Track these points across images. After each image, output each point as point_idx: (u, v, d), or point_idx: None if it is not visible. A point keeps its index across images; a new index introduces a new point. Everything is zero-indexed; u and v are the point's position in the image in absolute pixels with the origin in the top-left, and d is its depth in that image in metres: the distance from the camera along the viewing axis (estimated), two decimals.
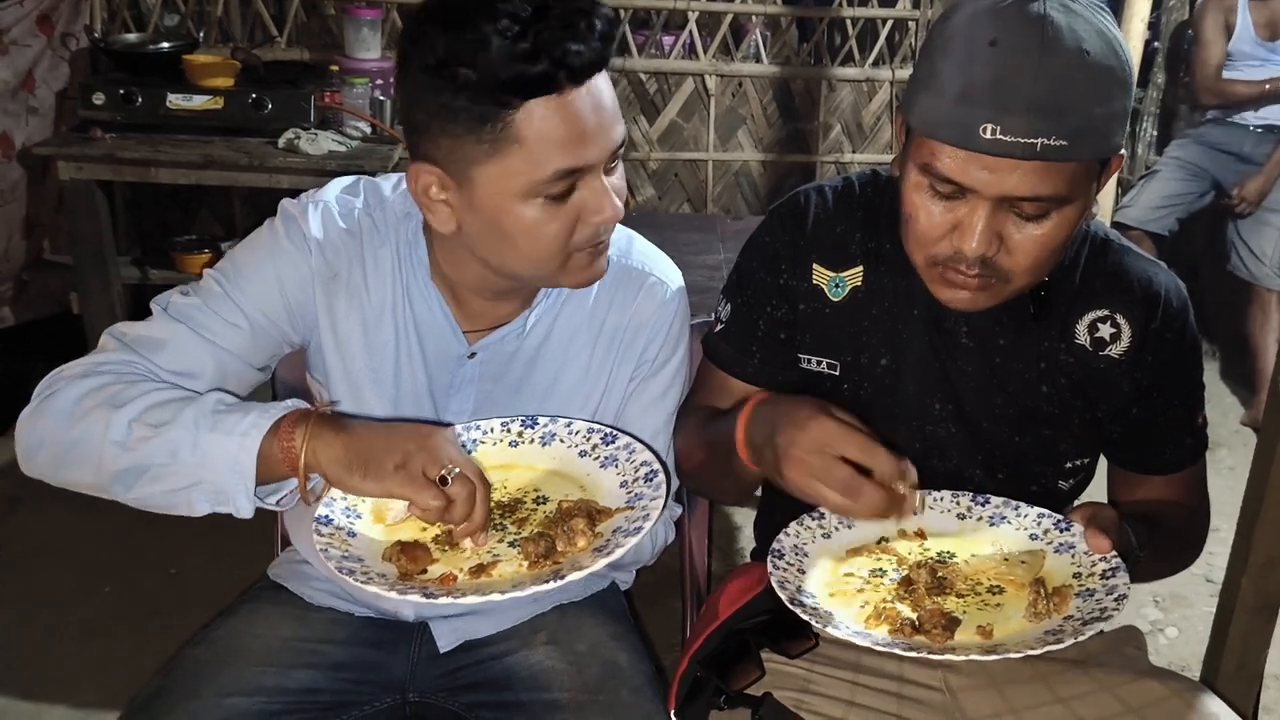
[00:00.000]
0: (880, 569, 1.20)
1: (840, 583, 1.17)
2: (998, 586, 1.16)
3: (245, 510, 1.13)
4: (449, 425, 1.22)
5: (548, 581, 1.01)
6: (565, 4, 1.08)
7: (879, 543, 1.23)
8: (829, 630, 1.07)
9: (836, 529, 1.24)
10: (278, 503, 1.15)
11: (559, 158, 1.11)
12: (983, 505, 1.26)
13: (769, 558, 1.18)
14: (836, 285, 1.31)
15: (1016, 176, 1.06)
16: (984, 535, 1.23)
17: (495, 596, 1.00)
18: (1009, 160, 1.05)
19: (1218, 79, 3.81)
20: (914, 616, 1.10)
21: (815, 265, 1.31)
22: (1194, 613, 2.70)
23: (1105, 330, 1.28)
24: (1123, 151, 1.14)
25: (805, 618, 1.08)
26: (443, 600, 1.01)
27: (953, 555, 1.21)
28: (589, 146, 1.12)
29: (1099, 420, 1.31)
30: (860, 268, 1.31)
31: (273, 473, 1.12)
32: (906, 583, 1.16)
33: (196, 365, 1.21)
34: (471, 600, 1.00)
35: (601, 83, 1.13)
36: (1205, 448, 1.37)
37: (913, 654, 1.04)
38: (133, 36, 3.61)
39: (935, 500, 1.27)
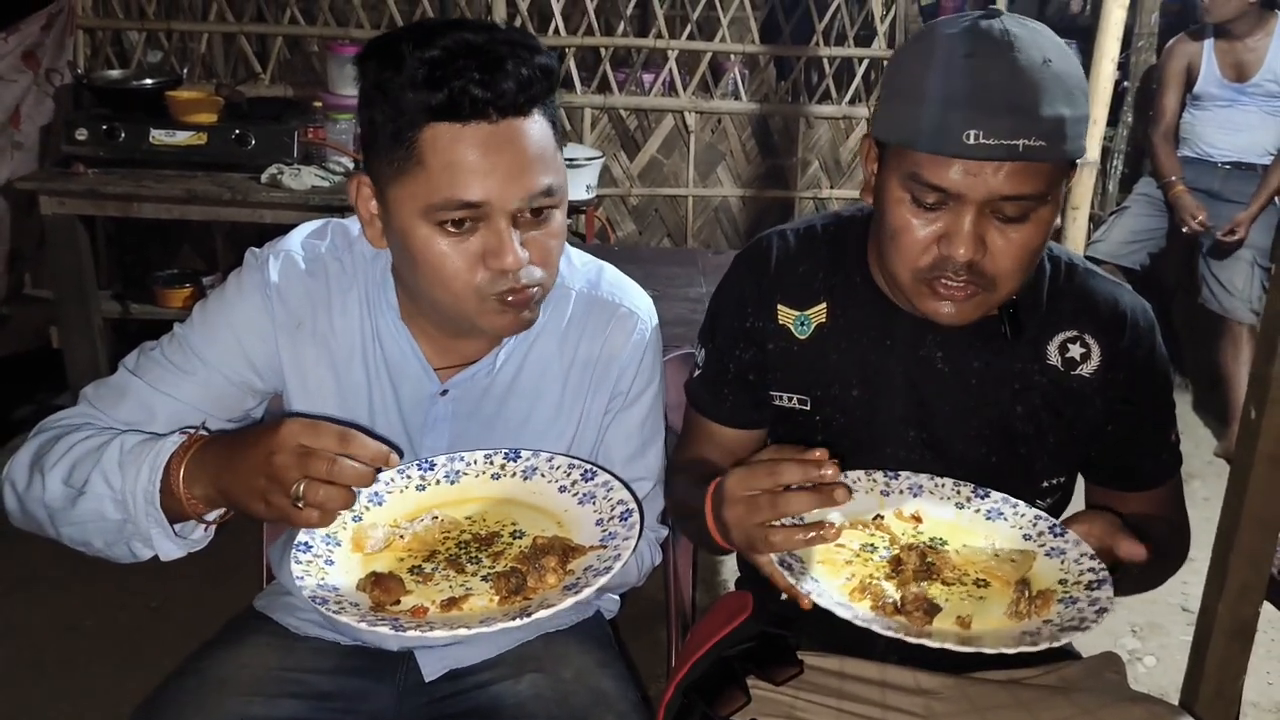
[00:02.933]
0: (872, 544, 1.20)
1: (830, 552, 1.18)
2: (984, 580, 1.17)
3: (170, 551, 1.16)
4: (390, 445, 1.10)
5: (516, 618, 1.01)
6: (488, 43, 1.11)
7: (874, 519, 1.24)
8: (812, 598, 1.07)
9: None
10: (205, 532, 1.17)
11: (452, 186, 1.12)
12: (982, 498, 1.26)
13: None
14: (802, 324, 1.35)
15: (1000, 178, 1.12)
16: (979, 527, 1.24)
17: (463, 631, 1.00)
18: (992, 163, 1.11)
19: (1161, 138, 3.89)
20: (897, 597, 1.11)
21: (780, 305, 1.35)
22: (1171, 641, 2.73)
23: (1075, 350, 1.31)
24: (1078, 160, 1.20)
25: (791, 580, 1.08)
26: (411, 633, 1.01)
27: (945, 542, 1.22)
28: (487, 181, 1.11)
29: (1074, 439, 1.34)
30: (824, 304, 1.34)
31: (181, 511, 1.14)
32: (895, 562, 1.17)
33: (146, 416, 1.24)
34: (440, 634, 1.01)
35: (524, 126, 1.12)
36: (1180, 463, 1.40)
37: (890, 633, 1.04)
38: (116, 73, 3.64)
39: (937, 486, 1.27)
